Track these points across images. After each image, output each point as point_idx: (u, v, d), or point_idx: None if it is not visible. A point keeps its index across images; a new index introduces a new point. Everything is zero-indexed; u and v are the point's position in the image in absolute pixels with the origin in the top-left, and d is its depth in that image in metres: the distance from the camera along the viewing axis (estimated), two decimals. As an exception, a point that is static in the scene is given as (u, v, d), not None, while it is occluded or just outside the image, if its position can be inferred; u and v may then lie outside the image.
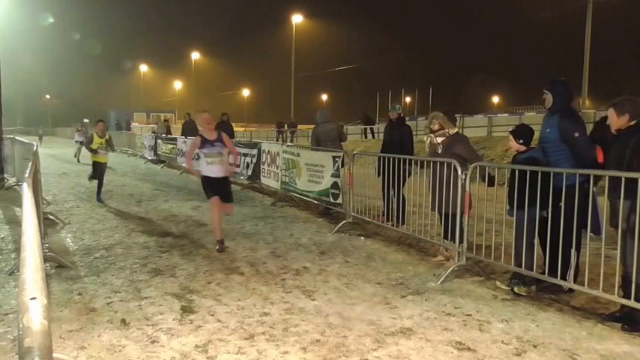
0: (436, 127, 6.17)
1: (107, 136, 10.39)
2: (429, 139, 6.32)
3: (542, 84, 5.12)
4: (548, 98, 5.00)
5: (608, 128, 4.50)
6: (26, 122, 70.27)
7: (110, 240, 7.02)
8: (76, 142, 23.21)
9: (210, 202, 6.75)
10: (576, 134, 4.83)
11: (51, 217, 8.14)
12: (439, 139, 6.13)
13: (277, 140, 31.19)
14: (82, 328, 3.98)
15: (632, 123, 4.27)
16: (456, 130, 6.39)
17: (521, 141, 5.07)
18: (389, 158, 7.16)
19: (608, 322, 4.22)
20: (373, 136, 28.58)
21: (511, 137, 5.16)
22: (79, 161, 20.70)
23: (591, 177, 4.53)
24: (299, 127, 37.24)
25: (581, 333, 4.05)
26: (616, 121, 4.35)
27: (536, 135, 5.29)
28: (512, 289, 4.93)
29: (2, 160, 12.48)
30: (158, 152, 19.66)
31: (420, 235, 6.52)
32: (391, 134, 8.20)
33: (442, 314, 4.42)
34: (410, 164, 7.21)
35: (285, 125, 35.53)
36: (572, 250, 4.65)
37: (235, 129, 22.50)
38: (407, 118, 9.19)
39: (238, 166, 10.95)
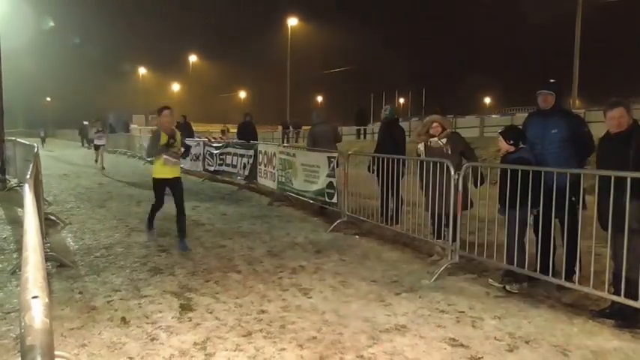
0: (439, 129, 6.12)
1: (178, 134, 6.76)
2: (423, 144, 6.21)
3: (534, 85, 5.21)
4: (551, 99, 5.09)
5: None
6: (27, 124, 70.25)
7: (110, 239, 7.09)
8: (96, 146, 19.18)
9: None
10: (586, 129, 5.04)
11: (52, 217, 8.21)
12: (444, 141, 6.11)
13: (283, 141, 30.70)
14: (82, 326, 4.05)
15: (631, 122, 4.32)
16: (451, 128, 6.43)
17: (511, 142, 5.15)
18: (384, 158, 7.22)
19: (599, 319, 4.29)
20: (365, 137, 28.27)
21: (501, 138, 5.23)
22: (103, 168, 18.20)
23: (582, 176, 4.63)
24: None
25: (572, 329, 4.12)
26: (626, 118, 4.33)
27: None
28: (505, 287, 5.01)
29: (4, 162, 12.53)
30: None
31: (414, 234, 6.59)
32: (384, 135, 8.30)
33: (436, 311, 4.49)
34: (404, 165, 7.25)
35: (291, 126, 34.61)
36: (578, 246, 4.71)
37: (233, 130, 21.96)
38: (400, 119, 9.24)
39: None
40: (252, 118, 15.60)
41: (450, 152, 6.04)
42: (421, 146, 6.30)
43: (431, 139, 6.19)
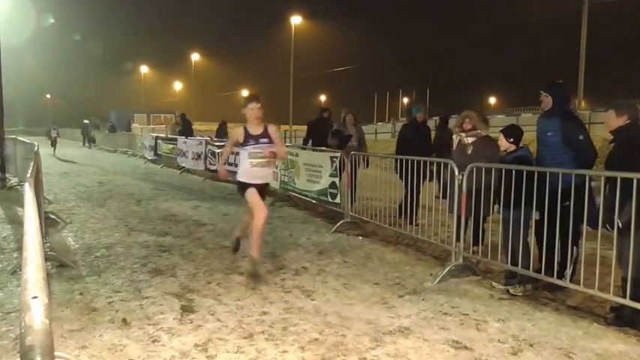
0: (469, 126, 6.06)
1: None
2: (458, 137, 6.18)
3: (539, 85, 5.19)
4: (547, 100, 5.06)
5: None
6: (28, 123, 70.26)
7: (110, 239, 7.06)
8: (253, 183, 5.45)
9: None
10: (581, 137, 4.92)
11: (52, 216, 8.18)
12: (470, 140, 6.04)
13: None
14: (83, 328, 4.02)
15: (626, 123, 4.42)
16: (487, 132, 6.25)
17: (511, 140, 5.17)
18: (407, 160, 6.91)
19: (604, 322, 4.28)
20: None
21: (502, 136, 5.24)
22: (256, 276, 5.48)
23: (587, 176, 4.61)
24: (296, 127, 36.83)
25: (576, 332, 4.10)
26: (614, 121, 4.47)
27: (527, 135, 5.37)
28: (508, 290, 4.98)
29: (4, 160, 12.53)
30: (159, 152, 19.77)
31: (417, 235, 6.56)
32: (413, 136, 8.17)
33: (439, 313, 4.46)
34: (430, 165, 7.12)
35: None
36: (570, 246, 4.71)
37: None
38: (404, 119, 9.29)
39: None
40: (330, 115, 11.66)
41: (469, 153, 5.93)
42: (455, 139, 6.21)
43: (461, 134, 6.12)
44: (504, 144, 5.19)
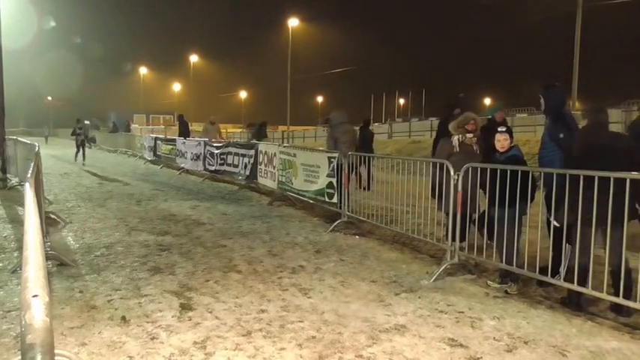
0: (473, 127, 6.30)
1: None
2: (459, 138, 6.29)
3: (534, 86, 5.35)
4: (542, 102, 5.23)
5: None
6: (29, 124, 70.27)
7: (110, 239, 7.10)
8: None
9: None
10: (560, 135, 5.02)
11: (52, 216, 8.22)
12: (475, 139, 6.29)
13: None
14: (83, 325, 4.06)
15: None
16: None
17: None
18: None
19: (598, 319, 4.32)
20: None
21: (507, 136, 5.26)
22: None
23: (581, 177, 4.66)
24: (293, 128, 37.02)
25: (570, 330, 4.14)
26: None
27: (521, 136, 5.45)
28: (506, 291, 5.02)
29: (5, 161, 12.57)
30: (158, 153, 19.82)
31: (413, 234, 6.61)
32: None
33: (435, 311, 4.51)
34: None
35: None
36: (564, 245, 4.77)
37: (232, 130, 21.33)
38: (400, 120, 9.22)
39: None
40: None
41: (478, 152, 6.17)
42: (455, 140, 6.35)
43: (467, 135, 6.30)
44: (507, 144, 5.23)
